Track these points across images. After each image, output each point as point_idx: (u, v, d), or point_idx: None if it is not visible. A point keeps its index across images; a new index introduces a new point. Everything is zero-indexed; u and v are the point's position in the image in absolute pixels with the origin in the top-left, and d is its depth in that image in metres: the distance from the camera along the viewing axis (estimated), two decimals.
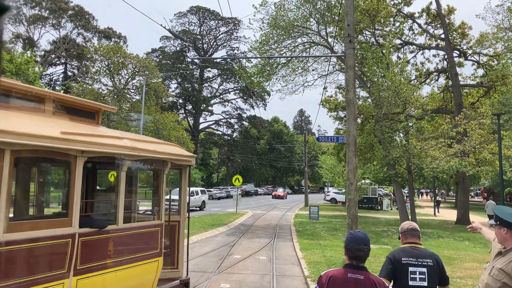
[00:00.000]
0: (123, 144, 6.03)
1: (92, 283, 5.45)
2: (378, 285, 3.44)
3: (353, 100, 14.68)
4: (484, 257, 15.26)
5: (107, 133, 6.21)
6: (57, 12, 58.16)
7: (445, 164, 22.12)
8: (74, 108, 6.12)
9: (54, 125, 5.23)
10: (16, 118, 4.84)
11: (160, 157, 6.95)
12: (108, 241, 5.86)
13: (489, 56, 31.20)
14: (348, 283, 3.42)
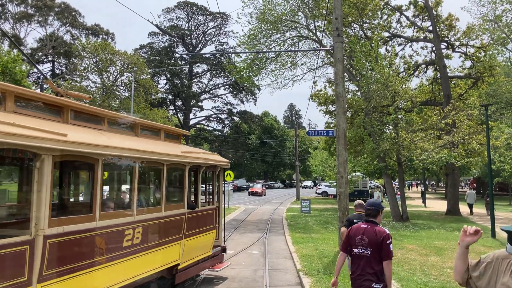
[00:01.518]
0: (201, 156, 9.78)
1: (192, 243, 9.14)
2: (378, 233, 5.36)
3: (342, 94, 14.73)
4: (474, 246, 15.44)
5: (190, 149, 9.91)
6: (43, 9, 57.50)
7: (435, 156, 22.32)
8: (171, 134, 9.60)
9: (171, 147, 8.74)
10: (152, 144, 7.90)
11: (215, 163, 10.52)
12: (197, 217, 9.48)
13: (476, 47, 31.43)
14: (360, 229, 5.53)
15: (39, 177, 5.07)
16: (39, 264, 4.96)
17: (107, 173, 7.17)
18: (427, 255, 13.48)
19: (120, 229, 6.61)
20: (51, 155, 5.16)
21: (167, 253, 8.13)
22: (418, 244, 15.92)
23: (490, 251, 10.70)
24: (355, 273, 5.63)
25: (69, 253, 5.53)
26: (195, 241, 9.36)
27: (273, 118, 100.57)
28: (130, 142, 7.04)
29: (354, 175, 41.60)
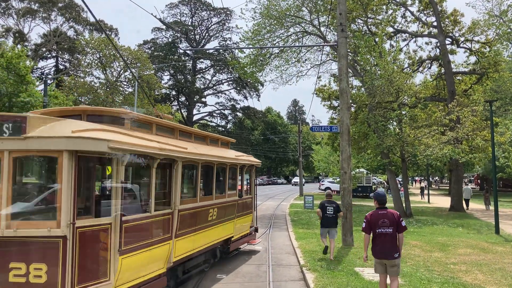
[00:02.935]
0: (244, 158, 13.29)
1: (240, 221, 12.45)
2: (394, 214, 7.52)
3: (346, 89, 14.70)
4: (478, 243, 15.42)
5: (237, 153, 13.49)
6: (46, 4, 57.52)
7: (439, 152, 22.24)
8: (224, 142, 12.84)
9: (226, 152, 12.20)
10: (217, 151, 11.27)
11: (252, 163, 13.82)
12: (243, 203, 12.80)
13: (481, 43, 31.25)
14: (379, 215, 7.44)
15: (176, 175, 8.25)
16: (175, 226, 8.16)
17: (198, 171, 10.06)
18: (431, 251, 13.47)
19: (207, 208, 9.98)
20: (181, 161, 8.43)
21: (227, 228, 11.50)
22: (421, 240, 15.91)
23: (494, 248, 10.78)
24: (380, 246, 7.44)
25: (187, 221, 8.76)
26: (241, 220, 12.76)
27: (277, 114, 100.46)
28: (210, 151, 10.56)
29: (358, 171, 41.56)
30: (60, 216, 5.67)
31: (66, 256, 5.60)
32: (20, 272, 5.56)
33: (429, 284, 9.29)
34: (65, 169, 5.75)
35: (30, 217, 6.36)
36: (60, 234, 5.63)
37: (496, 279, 9.95)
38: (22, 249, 5.65)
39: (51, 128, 5.92)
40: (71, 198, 5.76)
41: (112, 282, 6.21)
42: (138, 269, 6.98)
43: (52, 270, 5.54)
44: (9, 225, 5.68)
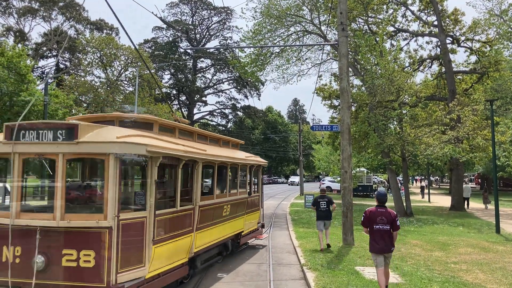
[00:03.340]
0: (253, 159, 14.26)
1: (249, 217, 13.44)
2: (392, 213, 8.10)
3: (347, 89, 14.70)
4: (478, 242, 15.42)
5: (246, 154, 14.46)
6: (47, 3, 57.52)
7: (439, 151, 22.24)
8: (234, 144, 13.88)
9: (237, 153, 13.26)
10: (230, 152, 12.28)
11: (259, 163, 14.87)
12: (251, 200, 13.83)
13: (481, 42, 31.21)
14: (377, 212, 8.09)
15: (197, 174, 9.28)
16: (196, 220, 9.13)
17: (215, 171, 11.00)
18: (431, 250, 13.47)
19: (222, 204, 10.97)
20: (201, 162, 9.44)
21: (238, 223, 12.50)
22: (422, 239, 15.92)
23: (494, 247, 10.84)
24: (378, 241, 8.09)
25: (206, 216, 9.73)
26: (250, 216, 13.78)
27: (277, 113, 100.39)
28: (223, 152, 11.62)
29: (358, 170, 41.54)
30: (107, 210, 6.60)
31: (111, 244, 6.53)
32: (71, 258, 6.48)
33: (429, 283, 9.30)
34: (111, 169, 6.66)
35: (81, 210, 7.49)
36: (106, 225, 6.55)
37: (496, 278, 9.96)
38: (74, 238, 6.57)
39: (98, 134, 6.88)
40: (116, 194, 6.67)
41: (147, 268, 7.19)
42: (166, 258, 7.94)
43: (99, 256, 6.47)
44: (63, 217, 6.59)
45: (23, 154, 6.93)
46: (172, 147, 8.01)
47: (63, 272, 6.50)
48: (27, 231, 6.58)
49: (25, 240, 6.59)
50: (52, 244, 6.56)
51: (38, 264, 6.43)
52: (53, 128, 6.77)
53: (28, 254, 6.54)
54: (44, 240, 6.53)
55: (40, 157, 7.06)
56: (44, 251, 6.50)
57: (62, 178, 6.71)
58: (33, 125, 6.90)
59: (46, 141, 6.73)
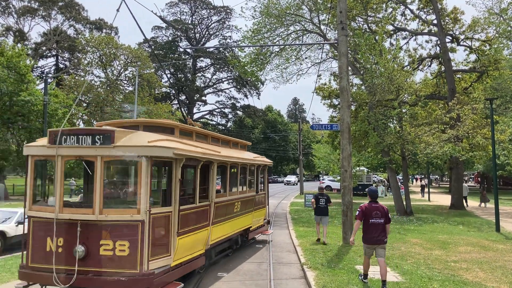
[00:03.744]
0: (259, 159, 15.18)
1: (256, 214, 14.38)
2: (384, 208, 8.86)
3: (347, 88, 14.70)
4: (478, 240, 15.44)
5: (253, 155, 15.49)
6: (47, 3, 57.48)
7: (439, 150, 22.24)
8: (242, 145, 14.85)
9: (245, 154, 14.27)
10: (239, 153, 13.26)
11: (265, 163, 15.80)
12: (258, 198, 14.74)
13: (481, 41, 31.21)
14: (372, 207, 8.78)
15: (212, 174, 10.21)
16: (212, 215, 10.05)
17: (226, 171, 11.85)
18: (431, 249, 13.48)
19: (234, 201, 11.96)
20: (216, 162, 10.36)
21: (247, 219, 13.46)
22: (422, 238, 15.92)
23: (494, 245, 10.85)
24: (373, 234, 8.76)
25: (220, 211, 10.69)
26: (257, 213, 14.78)
27: (277, 112, 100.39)
28: (234, 153, 12.67)
29: (358, 169, 41.55)
30: (140, 205, 7.46)
31: (143, 236, 7.39)
32: (108, 247, 7.35)
33: (429, 282, 9.31)
34: (143, 170, 7.54)
35: (117, 205, 8.25)
36: (139, 219, 7.42)
37: (496, 276, 9.97)
38: (111, 230, 7.43)
39: (130, 139, 7.75)
40: (147, 191, 7.52)
41: (172, 257, 8.14)
42: (187, 249, 8.87)
43: (133, 246, 7.33)
44: (101, 212, 7.44)
45: (65, 156, 7.84)
46: (192, 149, 9.02)
47: (101, 260, 7.36)
48: (69, 224, 7.47)
49: (67, 232, 7.48)
50: (91, 236, 7.43)
51: (79, 253, 7.29)
52: (92, 133, 7.66)
53: (70, 244, 7.42)
54: (84, 232, 7.42)
55: (80, 159, 8.08)
56: (84, 242, 7.37)
57: (101, 178, 7.56)
58: (74, 131, 7.80)
59: (85, 145, 7.61)
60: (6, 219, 13.41)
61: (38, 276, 7.63)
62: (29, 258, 7.84)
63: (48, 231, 7.61)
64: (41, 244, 7.71)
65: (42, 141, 8.25)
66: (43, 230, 7.74)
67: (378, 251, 8.82)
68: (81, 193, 10.34)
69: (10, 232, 13.01)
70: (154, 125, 9.83)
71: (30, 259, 7.82)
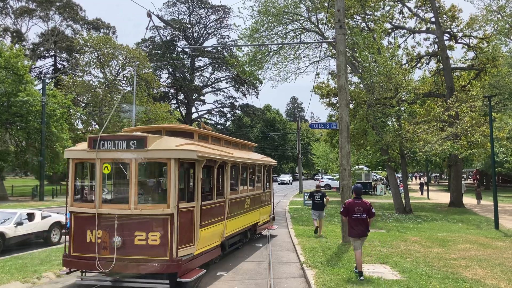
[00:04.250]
0: (266, 159, 16.23)
1: (263, 210, 15.55)
2: (367, 203, 9.57)
3: (345, 86, 14.69)
4: (477, 238, 15.46)
5: (260, 156, 16.31)
6: (44, 3, 57.36)
7: (438, 148, 22.25)
8: (248, 146, 15.77)
9: (251, 154, 15.34)
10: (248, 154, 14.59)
11: (271, 163, 16.79)
12: (265, 195, 15.80)
13: (479, 38, 31.22)
14: (355, 203, 9.48)
15: (226, 173, 11.32)
16: (226, 210, 11.18)
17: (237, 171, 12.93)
18: (431, 247, 13.50)
19: (244, 198, 13.13)
20: (230, 163, 11.46)
21: (255, 214, 14.57)
22: (421, 236, 15.94)
23: (493, 243, 10.83)
24: (356, 227, 9.51)
25: (233, 207, 11.84)
26: (264, 209, 15.85)
27: (276, 111, 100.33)
28: (244, 154, 13.88)
29: (357, 168, 41.57)
30: (169, 200, 8.58)
31: (173, 227, 8.49)
32: (142, 238, 8.46)
33: (429, 279, 9.31)
34: (172, 170, 8.62)
35: (150, 201, 9.70)
36: (169, 212, 8.53)
37: (496, 274, 9.98)
38: (144, 223, 8.57)
39: (160, 143, 8.88)
40: (176, 189, 8.60)
41: (195, 247, 9.24)
42: (207, 240, 10.00)
43: (163, 236, 8.45)
44: (136, 207, 8.58)
45: (103, 159, 8.87)
46: (211, 151, 10.13)
47: (136, 249, 8.45)
48: (108, 218, 8.60)
49: (106, 225, 8.58)
50: (127, 227, 8.54)
51: (117, 243, 8.39)
52: (127, 139, 8.78)
53: (108, 235, 8.53)
54: (121, 224, 8.54)
55: (116, 162, 9.11)
56: (121, 233, 8.49)
57: (135, 177, 8.67)
58: (111, 137, 8.96)
59: (121, 149, 8.73)
60: (5, 220, 13.38)
61: (81, 263, 8.79)
62: (71, 248, 8.90)
63: (89, 224, 8.73)
64: (82, 236, 8.80)
65: (81, 146, 9.46)
66: (84, 224, 8.85)
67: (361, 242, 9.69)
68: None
69: (9, 233, 12.97)
70: (176, 130, 11.09)
71: (72, 249, 8.89)
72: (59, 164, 35.52)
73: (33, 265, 10.87)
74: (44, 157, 32.83)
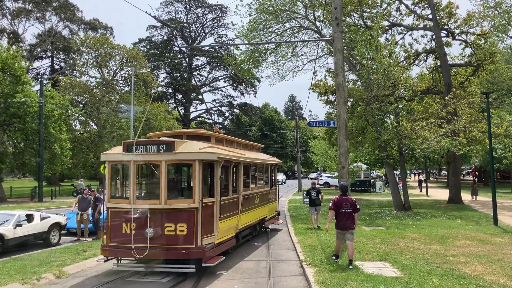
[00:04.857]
0: (272, 159, 17.50)
1: (270, 206, 16.93)
2: (353, 200, 10.65)
3: (343, 84, 14.68)
4: (476, 234, 15.47)
5: (267, 156, 17.38)
6: (41, 4, 57.23)
7: (436, 144, 22.26)
8: (256, 147, 16.97)
9: (259, 155, 16.62)
10: (257, 155, 15.98)
11: (276, 163, 17.82)
12: (272, 192, 17.37)
13: (476, 35, 31.22)
14: (342, 199, 10.55)
15: (239, 172, 12.64)
16: (240, 205, 12.40)
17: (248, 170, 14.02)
18: (430, 244, 13.51)
19: (255, 194, 14.50)
20: (242, 163, 12.68)
21: (263, 210, 15.82)
22: (420, 232, 15.95)
23: (492, 239, 10.79)
24: (343, 221, 10.51)
25: (246, 202, 13.09)
26: (270, 205, 17.14)
27: (274, 110, 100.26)
28: (253, 155, 15.23)
29: (356, 165, 41.58)
30: (195, 196, 9.97)
31: (198, 219, 9.84)
32: (171, 229, 9.80)
33: (428, 276, 9.32)
34: (196, 170, 10.04)
35: (178, 197, 11.51)
36: (195, 206, 9.90)
37: (495, 270, 9.99)
38: (173, 215, 9.90)
39: (186, 147, 10.20)
40: (200, 186, 10.02)
41: (216, 236, 10.48)
42: (225, 231, 11.23)
43: (190, 227, 9.78)
44: (166, 202, 9.93)
45: (136, 161, 10.28)
46: (227, 153, 11.49)
47: (165, 239, 9.76)
48: (141, 212, 9.81)
49: (139, 218, 9.77)
50: (158, 220, 9.83)
51: (149, 234, 9.63)
52: (157, 143, 10.18)
53: (142, 227, 9.75)
54: (152, 217, 9.81)
55: (148, 163, 10.62)
56: (153, 225, 9.74)
57: (165, 176, 10.01)
58: (143, 142, 10.29)
59: (152, 152, 10.12)
60: (4, 222, 13.35)
61: (117, 251, 10.10)
62: (108, 239, 10.17)
63: (124, 217, 9.95)
64: (118, 228, 10.08)
65: (116, 150, 10.90)
66: (120, 217, 10.08)
67: (347, 236, 10.48)
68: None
69: (8, 234, 12.95)
70: (195, 134, 12.50)
71: (109, 240, 10.16)
72: (57, 165, 35.47)
73: (33, 266, 10.85)
74: (42, 158, 32.78)
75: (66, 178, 65.77)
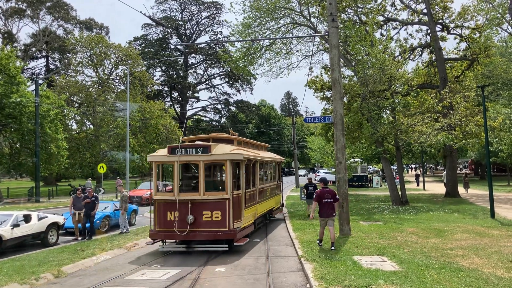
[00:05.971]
0: (278, 157, 20.51)
1: (276, 198, 19.73)
2: (332, 191, 12.50)
3: (339, 80, 14.70)
4: (474, 227, 15.55)
5: (272, 154, 20.65)
6: (34, 3, 56.93)
7: (433, 139, 22.31)
8: (264, 147, 20.01)
9: (267, 153, 19.40)
10: (266, 154, 18.69)
11: (280, 160, 20.64)
12: (277, 186, 20.22)
13: (471, 29, 31.27)
14: (324, 191, 12.39)
15: (255, 169, 15.07)
16: (257, 197, 15.16)
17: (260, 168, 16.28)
18: (427, 237, 13.56)
19: (267, 188, 17.01)
20: (258, 161, 15.46)
21: (272, 201, 18.29)
22: (418, 226, 16.01)
23: (489, 231, 10.84)
24: (325, 209, 12.13)
25: (261, 194, 15.69)
26: (276, 198, 19.67)
27: (270, 107, 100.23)
28: (264, 154, 17.64)
29: (353, 161, 41.62)
30: (227, 189, 12.45)
31: (230, 208, 12.32)
32: (207, 216, 12.30)
33: (426, 269, 9.36)
34: (228, 168, 12.55)
35: (213, 190, 13.40)
36: (227, 197, 12.39)
37: (492, 262, 10.05)
38: (209, 205, 12.36)
39: (218, 149, 12.76)
40: (231, 181, 12.45)
41: (242, 221, 12.94)
42: (248, 218, 13.62)
43: (223, 214, 12.26)
44: (204, 194, 12.45)
45: (179, 162, 12.79)
46: (249, 153, 14.13)
47: (203, 223, 12.27)
48: (183, 202, 12.29)
49: (182, 207, 12.29)
50: (197, 209, 12.29)
51: (190, 220, 12.14)
52: (195, 147, 12.77)
53: (183, 215, 12.24)
54: (192, 206, 12.29)
55: (188, 163, 13.81)
56: (193, 213, 12.21)
57: (203, 173, 12.52)
58: (183, 146, 12.77)
59: (191, 154, 12.71)
60: (2, 222, 13.32)
61: (163, 235, 12.62)
62: (155, 225, 12.62)
63: (169, 207, 12.44)
64: (164, 216, 12.52)
65: (161, 152, 13.46)
66: (165, 207, 12.56)
67: (329, 222, 12.10)
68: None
69: (6, 235, 12.92)
70: (220, 138, 14.98)
71: (157, 226, 12.59)
72: (54, 165, 35.38)
73: (31, 266, 10.84)
74: (39, 158, 32.69)
75: (63, 178, 65.64)
